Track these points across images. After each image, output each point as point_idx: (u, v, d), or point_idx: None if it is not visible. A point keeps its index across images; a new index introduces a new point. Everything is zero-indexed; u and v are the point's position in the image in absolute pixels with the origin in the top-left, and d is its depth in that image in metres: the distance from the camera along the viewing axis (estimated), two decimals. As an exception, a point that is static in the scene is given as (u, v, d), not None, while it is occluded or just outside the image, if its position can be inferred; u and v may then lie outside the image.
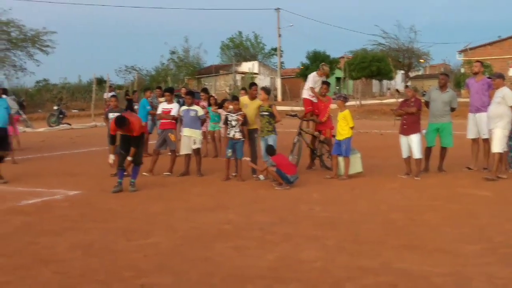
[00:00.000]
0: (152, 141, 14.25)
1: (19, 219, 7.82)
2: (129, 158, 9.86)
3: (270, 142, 10.99)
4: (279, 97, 50.61)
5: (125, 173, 10.08)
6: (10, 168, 12.54)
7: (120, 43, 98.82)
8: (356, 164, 11.30)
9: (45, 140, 20.03)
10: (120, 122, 9.66)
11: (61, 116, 28.64)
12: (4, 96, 14.31)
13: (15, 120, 16.64)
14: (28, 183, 10.94)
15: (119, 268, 5.61)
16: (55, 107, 29.77)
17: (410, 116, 11.09)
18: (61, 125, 27.92)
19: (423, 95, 16.54)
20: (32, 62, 37.39)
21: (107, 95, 26.05)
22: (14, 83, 38.69)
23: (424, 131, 11.48)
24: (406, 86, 19.74)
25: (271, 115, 11.21)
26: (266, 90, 11.73)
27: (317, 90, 12.52)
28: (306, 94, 12.75)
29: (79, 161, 14.71)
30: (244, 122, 11.16)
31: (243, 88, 17.16)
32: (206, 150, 15.01)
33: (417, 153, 11.02)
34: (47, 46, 36.62)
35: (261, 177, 11.07)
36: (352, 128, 11.11)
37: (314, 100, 12.50)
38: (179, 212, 8.34)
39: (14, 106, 15.15)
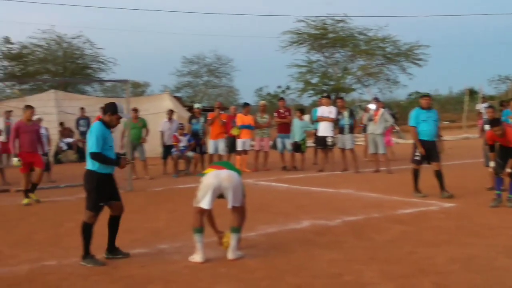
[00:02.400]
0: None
1: (397, 228, 8.07)
2: (508, 170, 9.31)
3: None
4: None
5: (502, 188, 9.55)
6: (385, 178, 13.17)
7: (495, 53, 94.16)
8: None
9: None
10: (493, 123, 9.39)
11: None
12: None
13: (389, 132, 17.43)
14: (402, 192, 11.17)
15: (504, 287, 5.31)
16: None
17: None
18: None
19: None
20: (404, 75, 38.58)
21: (480, 106, 25.29)
22: (387, 96, 40.53)
23: None
24: None
25: None
26: None
27: None
28: None
29: (452, 173, 14.51)
30: None
31: None
32: None
33: None
34: (420, 59, 37.38)
35: None
36: None
37: None
38: None
39: (389, 119, 15.92)
